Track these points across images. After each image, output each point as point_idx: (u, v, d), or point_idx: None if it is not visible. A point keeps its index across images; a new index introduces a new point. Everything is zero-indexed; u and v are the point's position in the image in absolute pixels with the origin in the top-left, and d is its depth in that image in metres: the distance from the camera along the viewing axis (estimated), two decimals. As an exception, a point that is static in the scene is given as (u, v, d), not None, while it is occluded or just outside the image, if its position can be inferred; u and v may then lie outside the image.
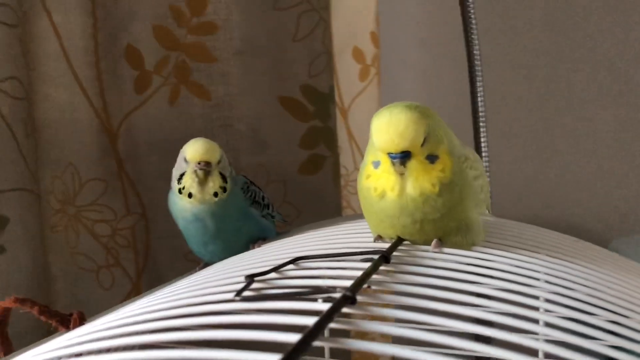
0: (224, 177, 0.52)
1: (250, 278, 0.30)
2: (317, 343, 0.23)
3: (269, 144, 0.77)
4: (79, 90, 0.69)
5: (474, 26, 0.67)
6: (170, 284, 0.45)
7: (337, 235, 0.44)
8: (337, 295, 0.25)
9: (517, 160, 0.90)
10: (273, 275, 0.31)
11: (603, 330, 0.30)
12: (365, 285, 0.29)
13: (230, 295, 0.28)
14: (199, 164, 0.51)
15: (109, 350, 0.26)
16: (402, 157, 0.36)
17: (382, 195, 0.37)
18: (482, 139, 0.70)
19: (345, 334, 0.56)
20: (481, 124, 0.69)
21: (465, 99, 0.77)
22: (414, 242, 0.39)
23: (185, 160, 0.52)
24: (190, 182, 0.51)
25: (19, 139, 0.59)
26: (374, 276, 0.30)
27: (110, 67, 0.71)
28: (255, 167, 0.77)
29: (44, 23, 0.67)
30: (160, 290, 0.38)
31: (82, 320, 0.35)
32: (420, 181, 0.36)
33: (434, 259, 0.35)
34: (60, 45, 0.68)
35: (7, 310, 0.36)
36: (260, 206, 0.55)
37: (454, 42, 0.82)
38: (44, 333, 0.51)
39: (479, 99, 0.69)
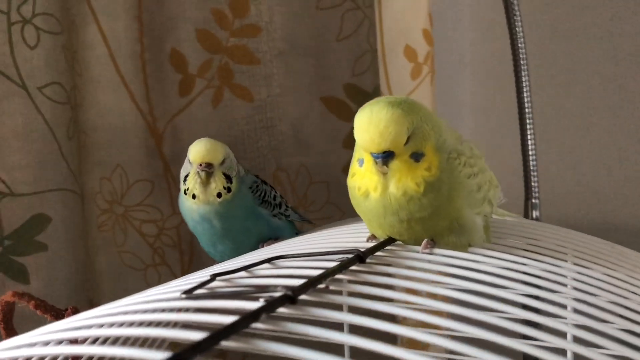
0: (228, 178, 0.52)
1: (214, 277, 0.30)
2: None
3: (312, 144, 0.77)
4: (126, 94, 0.72)
5: (518, 20, 0.64)
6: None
7: (347, 233, 0.43)
8: (278, 294, 0.25)
9: (567, 162, 0.85)
10: (242, 274, 0.31)
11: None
12: (322, 285, 0.28)
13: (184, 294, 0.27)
14: (200, 165, 0.51)
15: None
16: (384, 157, 0.34)
17: (366, 195, 0.36)
18: (529, 140, 0.66)
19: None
20: (528, 121, 0.66)
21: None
22: (405, 242, 0.37)
23: (190, 162, 0.53)
24: (193, 183, 0.52)
25: (60, 141, 0.62)
26: (341, 276, 0.29)
27: (155, 71, 0.73)
28: (298, 168, 0.77)
29: (92, 29, 0.69)
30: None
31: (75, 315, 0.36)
32: (403, 181, 0.35)
33: (420, 260, 0.33)
34: (108, 51, 0.70)
35: (10, 304, 0.37)
36: (270, 205, 0.55)
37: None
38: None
39: (525, 95, 0.65)
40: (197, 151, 0.52)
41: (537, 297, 0.30)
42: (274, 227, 0.55)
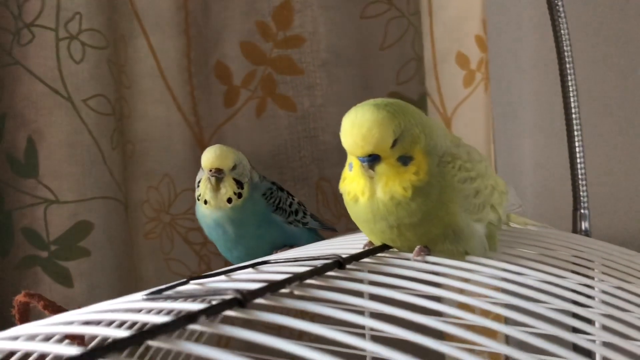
0: (239, 183, 0.52)
1: (189, 279, 0.30)
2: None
3: (355, 154, 0.76)
4: (174, 106, 0.74)
5: (563, 21, 0.61)
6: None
7: (357, 240, 0.42)
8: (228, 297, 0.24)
9: (617, 172, 0.80)
10: (219, 278, 0.31)
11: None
12: (287, 290, 0.27)
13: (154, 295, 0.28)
14: (210, 170, 0.52)
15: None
16: (370, 161, 0.33)
17: (355, 200, 0.35)
18: (577, 145, 0.63)
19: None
20: (575, 128, 0.62)
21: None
22: (400, 249, 0.36)
23: (202, 168, 0.53)
24: (204, 189, 0.52)
25: (104, 151, 0.65)
26: (312, 281, 0.29)
27: (201, 83, 0.75)
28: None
29: (141, 43, 0.72)
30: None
31: (79, 316, 0.38)
32: (390, 185, 0.34)
33: (407, 268, 0.32)
34: (156, 64, 0.73)
35: (24, 304, 0.39)
36: (285, 212, 0.55)
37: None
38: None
39: (572, 100, 0.62)
40: (208, 157, 0.53)
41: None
42: (289, 234, 0.55)
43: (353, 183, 0.35)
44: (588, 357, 0.36)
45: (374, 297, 0.27)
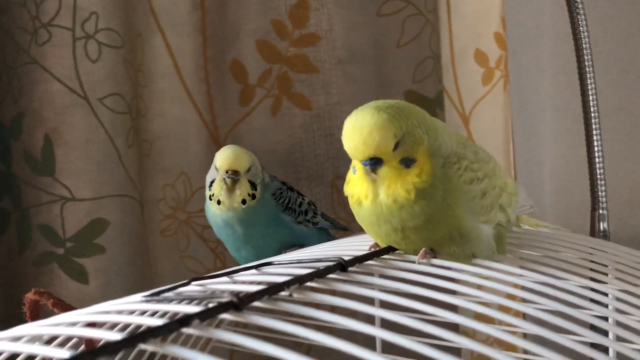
0: (253, 185, 0.53)
1: (191, 280, 0.30)
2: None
3: (371, 152, 0.76)
4: (190, 104, 0.74)
5: (582, 18, 0.60)
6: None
7: (365, 241, 0.42)
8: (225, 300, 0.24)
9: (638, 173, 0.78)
10: (221, 279, 0.31)
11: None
12: (286, 293, 0.27)
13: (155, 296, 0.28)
14: (227, 172, 0.52)
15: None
16: (372, 165, 0.33)
17: (359, 203, 0.35)
18: (595, 143, 0.62)
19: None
20: (594, 127, 0.61)
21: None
22: (406, 252, 0.36)
23: (216, 168, 0.54)
24: (218, 190, 0.53)
25: (120, 149, 0.65)
26: (312, 284, 0.28)
27: (217, 82, 0.75)
28: (356, 176, 0.76)
29: (158, 43, 0.72)
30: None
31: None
32: (393, 188, 0.33)
33: (410, 271, 0.32)
34: (173, 63, 0.73)
35: (35, 302, 0.40)
36: (294, 212, 0.55)
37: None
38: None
39: (590, 98, 0.61)
40: (224, 158, 0.53)
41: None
42: (298, 234, 0.55)
43: (356, 186, 0.35)
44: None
45: (371, 301, 0.27)
